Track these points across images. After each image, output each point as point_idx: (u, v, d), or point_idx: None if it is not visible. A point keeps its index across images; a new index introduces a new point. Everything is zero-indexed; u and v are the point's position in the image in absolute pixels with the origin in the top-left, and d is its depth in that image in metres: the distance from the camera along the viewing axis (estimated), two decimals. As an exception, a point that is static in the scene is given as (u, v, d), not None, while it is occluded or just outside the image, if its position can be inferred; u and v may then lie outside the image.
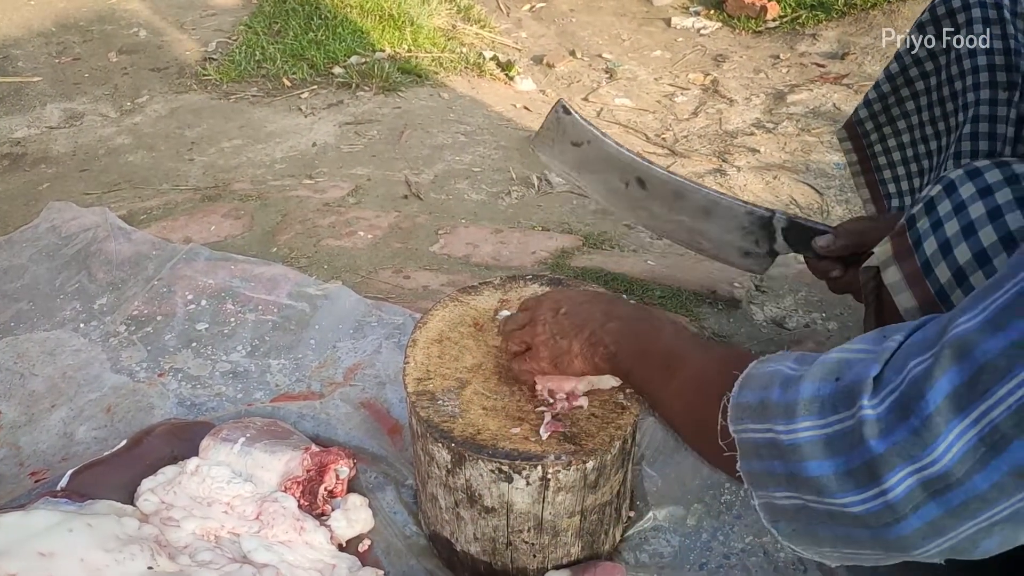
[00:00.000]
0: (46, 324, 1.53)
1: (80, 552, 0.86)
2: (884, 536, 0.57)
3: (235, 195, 2.07)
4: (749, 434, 0.66)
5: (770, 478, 0.64)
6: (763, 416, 0.64)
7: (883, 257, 0.72)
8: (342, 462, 1.10)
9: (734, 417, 0.68)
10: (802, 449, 0.60)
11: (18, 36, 3.29)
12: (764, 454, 0.64)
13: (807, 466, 0.60)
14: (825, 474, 0.58)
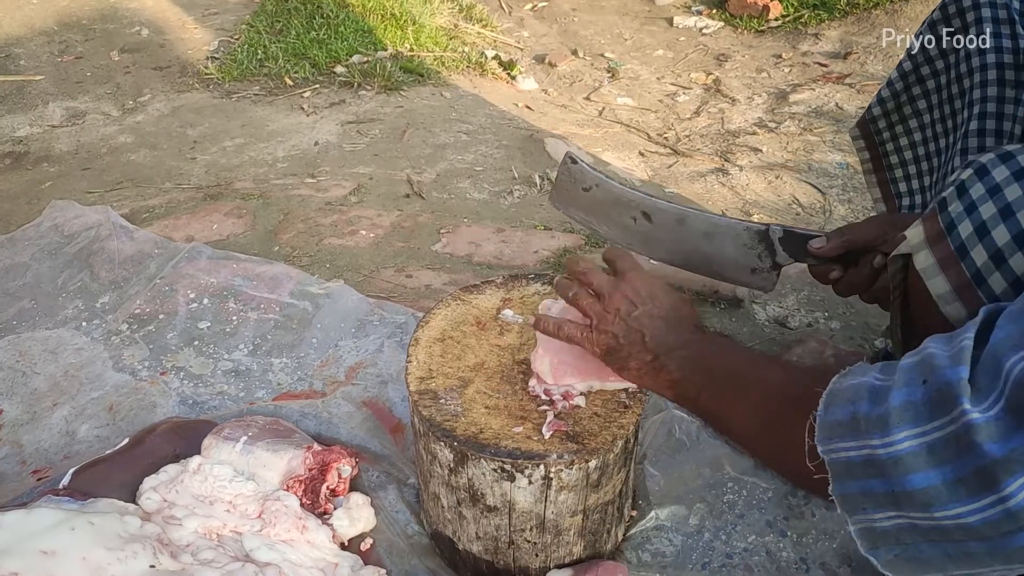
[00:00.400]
0: (48, 322, 1.53)
1: (82, 551, 0.86)
2: (1004, 547, 0.54)
3: (237, 194, 2.07)
4: (841, 453, 0.62)
5: (868, 499, 0.61)
6: (855, 432, 0.61)
7: (915, 241, 0.71)
8: (344, 461, 1.10)
9: (822, 437, 0.65)
10: (904, 461, 0.57)
11: (20, 35, 3.29)
12: (860, 473, 0.61)
13: (911, 479, 0.56)
14: (932, 485, 0.55)
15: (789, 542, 1.07)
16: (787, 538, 1.07)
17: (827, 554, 1.05)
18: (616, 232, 1.23)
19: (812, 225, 2.12)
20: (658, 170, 2.49)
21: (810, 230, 1.16)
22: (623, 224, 1.20)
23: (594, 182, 1.18)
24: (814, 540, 1.07)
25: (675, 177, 2.42)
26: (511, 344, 1.06)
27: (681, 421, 1.23)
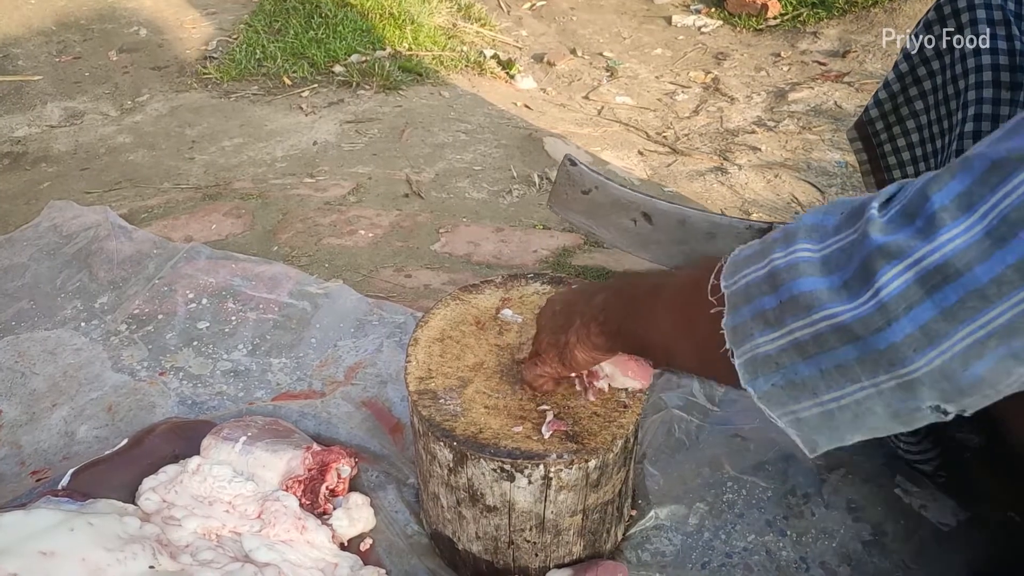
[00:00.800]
0: (47, 323, 1.53)
1: (81, 551, 0.86)
2: (873, 347, 0.54)
3: (236, 194, 2.07)
4: (742, 281, 0.64)
5: (757, 321, 0.62)
6: (761, 256, 0.63)
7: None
8: (343, 461, 1.10)
9: (728, 273, 0.66)
10: (798, 268, 0.58)
11: (18, 35, 3.29)
12: (755, 292, 0.62)
13: (799, 283, 0.58)
14: (818, 288, 0.57)
15: (789, 541, 1.07)
16: (787, 537, 1.07)
17: (827, 553, 1.05)
18: (616, 235, 1.22)
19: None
20: (657, 169, 2.49)
21: None
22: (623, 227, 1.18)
23: (593, 184, 1.17)
24: (813, 539, 1.07)
25: (674, 176, 2.42)
26: (510, 344, 1.06)
27: (681, 421, 1.23)
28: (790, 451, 1.18)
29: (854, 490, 1.12)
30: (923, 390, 0.54)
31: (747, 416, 1.25)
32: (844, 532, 1.08)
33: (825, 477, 1.14)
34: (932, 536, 1.07)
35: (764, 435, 1.21)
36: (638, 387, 0.96)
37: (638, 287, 0.85)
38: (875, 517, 1.09)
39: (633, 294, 0.85)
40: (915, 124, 1.29)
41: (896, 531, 1.07)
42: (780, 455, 1.18)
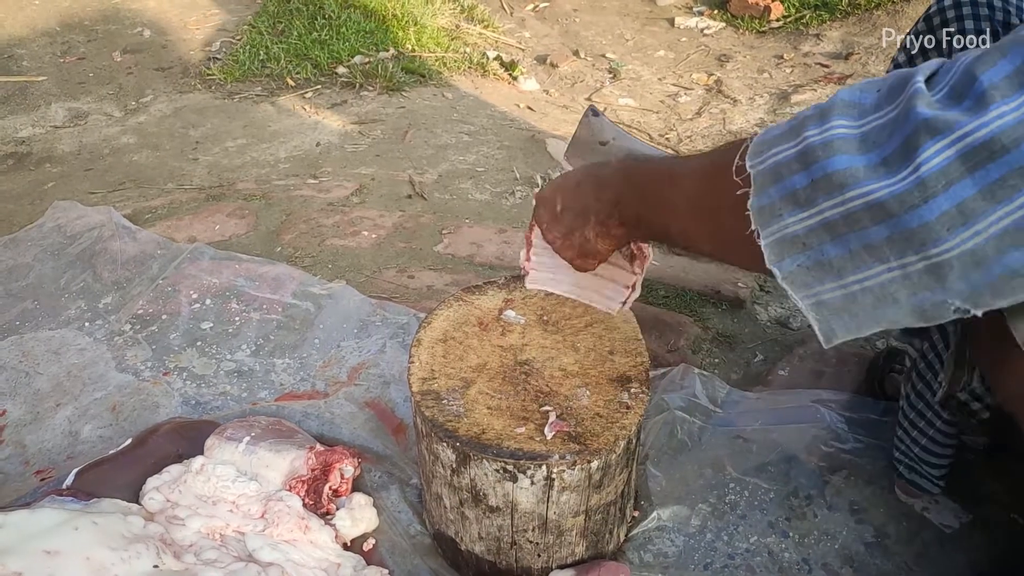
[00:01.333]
0: (51, 323, 1.53)
1: (86, 550, 0.86)
2: (906, 226, 0.53)
3: (239, 194, 2.08)
4: (770, 160, 0.62)
5: (786, 201, 0.60)
6: (793, 134, 0.60)
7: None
8: (347, 461, 1.10)
9: (753, 153, 0.64)
10: (833, 145, 0.56)
11: (23, 36, 3.30)
12: (785, 172, 0.60)
13: (834, 161, 0.56)
14: (854, 166, 0.55)
15: (791, 543, 1.07)
16: (789, 539, 1.07)
17: (829, 555, 1.05)
18: None
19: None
20: (660, 171, 2.49)
21: None
22: None
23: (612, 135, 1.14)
24: (816, 541, 1.07)
25: (677, 178, 2.42)
26: (513, 345, 1.06)
27: (683, 422, 1.23)
28: (792, 453, 1.18)
29: (856, 492, 1.12)
30: (952, 277, 0.52)
31: (749, 418, 1.25)
32: (846, 534, 1.08)
33: (827, 479, 1.14)
34: (935, 538, 1.07)
35: (766, 436, 1.21)
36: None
37: (650, 174, 0.84)
38: (877, 519, 1.09)
39: (646, 182, 0.84)
40: None
41: (898, 533, 1.07)
42: (782, 457, 1.18)
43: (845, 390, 1.31)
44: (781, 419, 1.24)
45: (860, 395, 1.29)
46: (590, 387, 0.98)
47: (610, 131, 1.15)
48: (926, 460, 1.06)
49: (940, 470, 1.06)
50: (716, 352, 1.46)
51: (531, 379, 1.00)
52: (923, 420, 1.04)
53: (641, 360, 1.03)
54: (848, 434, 1.21)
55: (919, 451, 1.06)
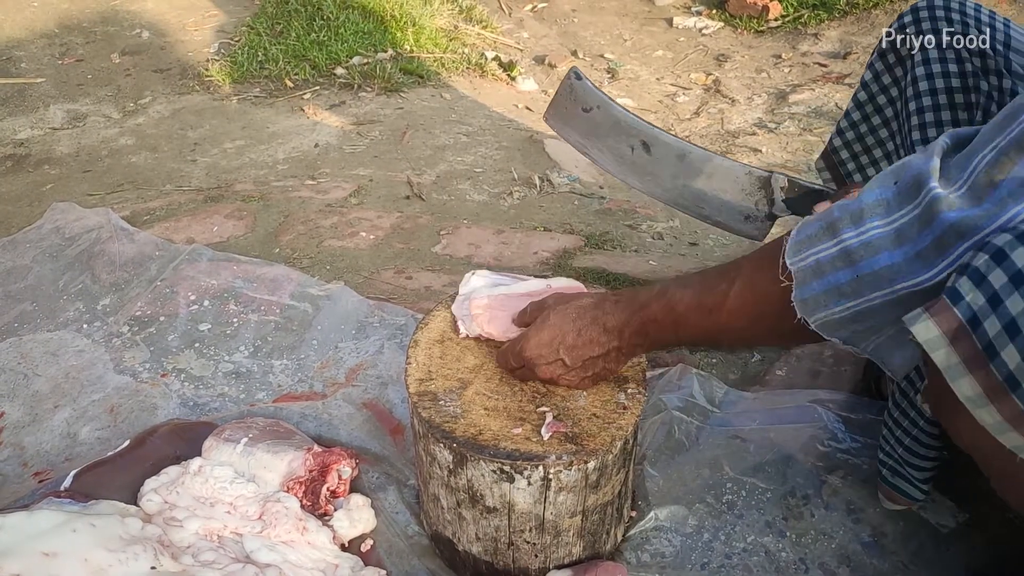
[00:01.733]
0: (49, 325, 1.53)
1: (83, 552, 0.86)
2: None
3: (238, 196, 2.08)
4: (811, 258, 0.72)
5: (831, 294, 0.71)
6: (831, 234, 0.70)
7: (929, 337, 0.63)
8: (344, 462, 1.10)
9: (792, 252, 0.74)
10: (873, 244, 0.67)
11: (21, 37, 3.30)
12: (828, 269, 0.71)
13: (877, 260, 0.67)
14: (896, 262, 0.66)
15: (788, 542, 1.07)
16: (786, 538, 1.08)
17: (826, 554, 1.05)
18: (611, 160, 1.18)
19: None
20: (658, 171, 2.49)
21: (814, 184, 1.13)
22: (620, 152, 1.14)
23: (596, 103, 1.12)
24: (813, 540, 1.07)
25: (675, 178, 2.43)
26: (510, 345, 1.06)
27: (680, 422, 1.23)
28: (789, 453, 1.18)
29: (853, 492, 1.13)
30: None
31: (747, 418, 1.25)
32: (843, 533, 1.08)
33: (825, 479, 1.15)
34: (931, 537, 1.07)
35: (764, 436, 1.21)
36: None
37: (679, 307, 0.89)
38: (874, 518, 1.09)
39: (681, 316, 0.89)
40: (883, 152, 1.31)
41: (895, 532, 1.08)
42: (780, 456, 1.18)
43: (842, 390, 1.32)
44: (778, 419, 1.24)
45: (857, 395, 1.30)
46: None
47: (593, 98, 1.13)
48: (910, 461, 1.04)
49: (924, 473, 1.04)
50: (714, 352, 1.46)
51: (528, 382, 1.00)
52: (907, 419, 1.03)
53: (638, 361, 1.03)
54: (845, 434, 1.21)
55: (903, 451, 1.04)
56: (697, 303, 0.87)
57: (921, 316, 0.64)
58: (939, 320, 0.63)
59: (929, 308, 0.64)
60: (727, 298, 0.83)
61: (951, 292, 0.63)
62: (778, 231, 1.58)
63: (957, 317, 0.62)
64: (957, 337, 0.62)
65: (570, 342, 0.94)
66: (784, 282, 0.74)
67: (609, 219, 2.02)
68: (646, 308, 0.91)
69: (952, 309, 0.62)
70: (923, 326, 0.64)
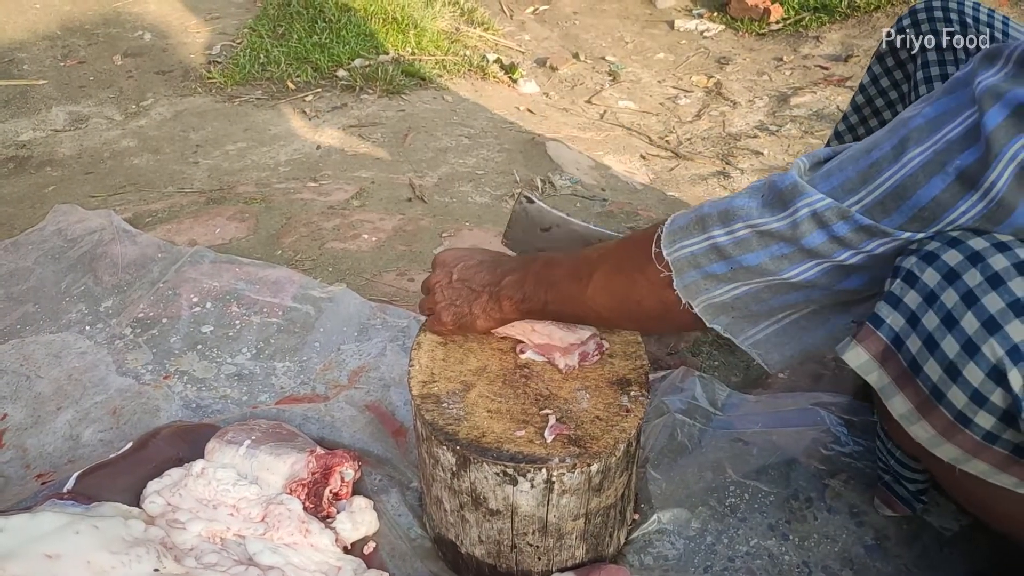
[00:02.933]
0: (52, 326, 1.54)
1: (86, 554, 0.86)
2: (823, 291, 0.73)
3: (240, 198, 2.08)
4: (685, 250, 0.78)
5: (709, 280, 0.77)
6: (701, 229, 0.76)
7: (860, 363, 0.67)
8: (347, 464, 1.10)
9: (667, 242, 0.79)
10: (741, 244, 0.74)
11: (23, 39, 3.30)
12: (703, 262, 0.77)
13: (747, 257, 0.73)
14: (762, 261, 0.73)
15: (791, 545, 1.07)
16: (789, 541, 1.07)
17: (829, 557, 1.05)
18: None
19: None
20: (659, 173, 2.50)
21: None
22: None
23: (554, 222, 1.11)
24: (816, 543, 1.07)
25: (676, 180, 2.43)
26: (513, 348, 1.06)
27: (683, 425, 1.23)
28: (792, 456, 1.18)
29: (856, 495, 1.13)
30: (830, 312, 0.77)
31: (749, 421, 1.25)
32: (846, 536, 1.08)
33: (827, 482, 1.15)
34: (934, 541, 1.07)
35: (766, 439, 1.21)
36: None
37: (555, 269, 0.95)
38: (877, 522, 1.09)
39: (560, 278, 0.94)
40: None
41: (898, 536, 1.07)
42: (782, 459, 1.18)
43: (845, 393, 1.31)
44: (781, 422, 1.24)
45: (859, 399, 1.29)
46: (590, 390, 0.99)
47: (550, 218, 1.12)
48: (902, 474, 1.03)
49: (916, 485, 1.03)
50: (716, 355, 1.46)
51: (531, 382, 1.00)
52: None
53: (641, 363, 1.03)
54: (848, 437, 1.21)
55: (895, 463, 1.04)
56: (571, 271, 0.92)
57: (850, 344, 0.68)
58: (867, 345, 0.66)
59: (856, 335, 0.68)
60: (595, 273, 0.89)
61: (873, 318, 0.67)
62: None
63: (882, 340, 0.65)
64: (885, 358, 0.65)
65: (470, 263, 1.02)
66: (660, 270, 0.80)
67: (611, 221, 2.02)
68: (532, 263, 0.98)
69: (876, 333, 0.66)
70: (853, 353, 0.67)
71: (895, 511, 1.08)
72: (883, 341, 0.65)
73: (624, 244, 0.89)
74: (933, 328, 0.62)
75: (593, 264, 0.90)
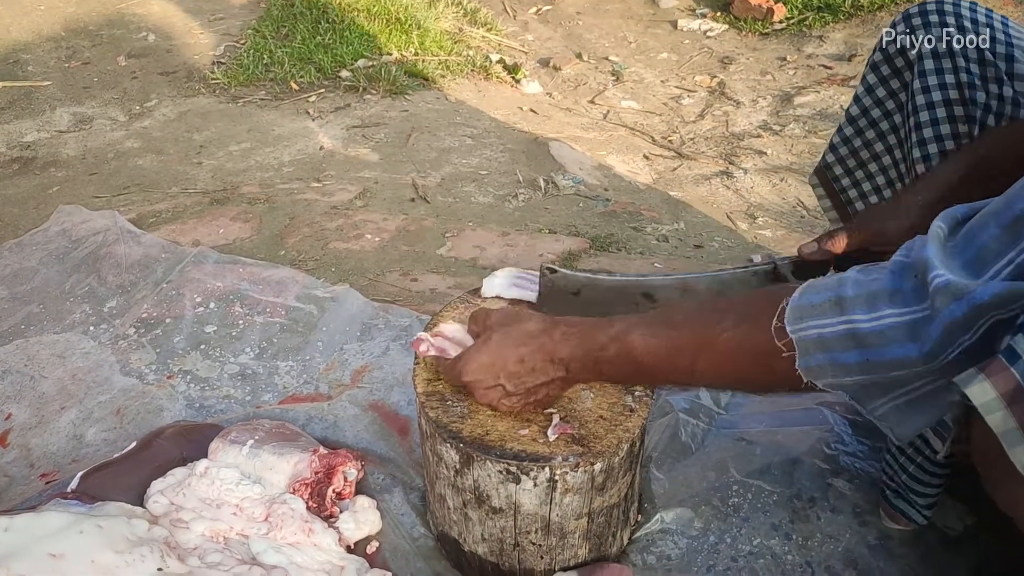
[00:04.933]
0: (56, 327, 1.54)
1: (90, 553, 0.87)
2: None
3: (243, 198, 2.08)
4: (813, 331, 0.72)
5: (836, 368, 0.72)
6: (837, 310, 0.70)
7: (982, 400, 0.58)
8: (350, 464, 1.10)
9: (792, 319, 0.73)
10: (886, 335, 0.67)
11: (28, 41, 3.31)
12: (834, 347, 0.71)
13: (889, 350, 0.68)
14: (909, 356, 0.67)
15: (794, 545, 1.07)
16: (792, 541, 1.07)
17: (832, 557, 1.05)
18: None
19: (816, 228, 2.12)
20: (662, 173, 2.49)
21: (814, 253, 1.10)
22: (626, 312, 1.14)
23: (581, 284, 1.10)
24: (819, 543, 1.07)
25: (679, 180, 2.42)
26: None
27: (686, 424, 1.23)
28: (796, 455, 1.18)
29: (860, 495, 1.12)
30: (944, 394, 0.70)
31: (753, 420, 1.25)
32: (850, 536, 1.08)
33: (831, 481, 1.14)
34: (938, 541, 1.07)
35: (770, 439, 1.21)
36: None
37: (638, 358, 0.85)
38: (881, 522, 1.09)
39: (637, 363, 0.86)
40: (878, 167, 1.26)
41: (902, 536, 1.07)
42: (786, 459, 1.18)
43: (848, 392, 1.31)
44: (785, 421, 1.24)
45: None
46: (594, 390, 0.99)
47: (576, 281, 1.11)
48: (913, 488, 1.02)
49: (927, 499, 1.02)
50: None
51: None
52: (912, 447, 1.01)
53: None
54: (852, 437, 1.21)
55: (906, 478, 1.02)
56: (666, 358, 0.84)
57: (976, 377, 0.59)
58: (995, 381, 0.57)
59: (984, 368, 0.59)
60: (701, 357, 0.82)
61: (1008, 352, 0.58)
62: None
63: (1015, 377, 0.57)
64: (1015, 399, 0.57)
65: (511, 369, 0.90)
66: (781, 348, 0.74)
67: (614, 221, 2.02)
68: (604, 350, 0.87)
69: (1009, 369, 0.57)
70: (979, 388, 0.58)
71: (900, 524, 1.07)
72: (1015, 379, 0.57)
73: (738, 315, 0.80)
74: None
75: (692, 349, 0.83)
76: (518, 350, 0.90)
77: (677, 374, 0.85)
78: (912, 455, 1.01)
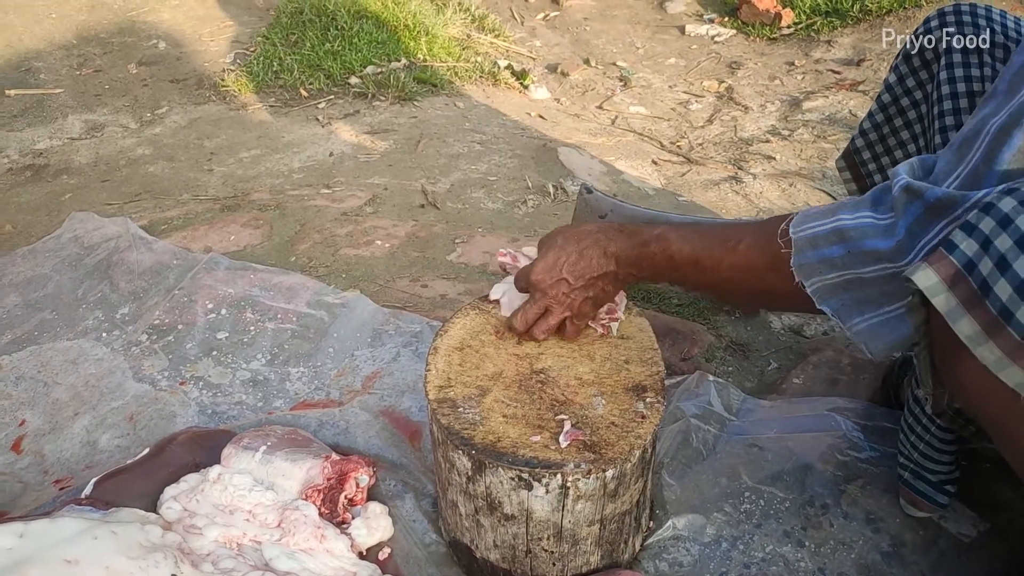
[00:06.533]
0: (69, 333, 1.55)
1: (105, 559, 0.87)
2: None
3: (254, 205, 2.09)
4: (809, 231, 0.85)
5: (823, 263, 0.84)
6: (830, 214, 0.84)
7: (929, 284, 0.69)
8: (362, 470, 1.11)
9: (795, 224, 0.86)
10: (864, 229, 0.81)
11: (40, 49, 3.34)
12: (822, 244, 0.83)
13: (867, 242, 0.80)
14: (881, 248, 0.79)
15: (807, 552, 1.06)
16: (805, 548, 1.07)
17: (845, 564, 1.05)
18: None
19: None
20: (671, 178, 2.49)
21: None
22: None
23: (609, 207, 1.24)
24: (832, 550, 1.06)
25: (688, 185, 2.42)
26: (529, 353, 1.06)
27: (698, 430, 1.23)
28: (808, 461, 1.18)
29: (873, 501, 1.12)
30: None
31: (764, 426, 1.25)
32: (863, 543, 1.07)
33: (843, 488, 1.14)
34: (951, 547, 1.06)
35: (782, 445, 1.21)
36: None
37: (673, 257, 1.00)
38: (894, 528, 1.08)
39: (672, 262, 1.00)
40: (903, 154, 1.36)
41: (915, 542, 1.07)
42: (798, 465, 1.17)
43: (860, 399, 1.31)
44: (796, 427, 1.24)
45: (875, 404, 1.29)
46: (605, 396, 0.99)
47: (606, 204, 1.29)
48: (926, 466, 1.05)
49: (941, 476, 1.05)
50: (730, 360, 1.46)
51: (547, 388, 1.00)
52: (920, 425, 1.05)
53: (657, 369, 1.03)
54: (864, 443, 1.20)
55: (919, 456, 1.05)
56: (694, 259, 0.98)
57: (921, 266, 0.70)
58: (937, 268, 0.69)
59: (928, 258, 0.70)
60: (724, 260, 0.95)
61: (947, 243, 0.69)
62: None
63: (954, 264, 0.68)
64: (955, 281, 0.67)
65: (573, 261, 1.04)
66: (783, 248, 0.86)
67: (623, 227, 2.02)
68: (646, 246, 1.01)
69: (949, 257, 0.68)
70: (923, 274, 0.69)
71: (921, 510, 1.08)
72: (954, 265, 0.68)
73: (755, 229, 0.94)
74: (1006, 249, 0.64)
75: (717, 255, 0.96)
76: (579, 244, 1.04)
77: (705, 275, 0.97)
78: (921, 432, 1.05)
